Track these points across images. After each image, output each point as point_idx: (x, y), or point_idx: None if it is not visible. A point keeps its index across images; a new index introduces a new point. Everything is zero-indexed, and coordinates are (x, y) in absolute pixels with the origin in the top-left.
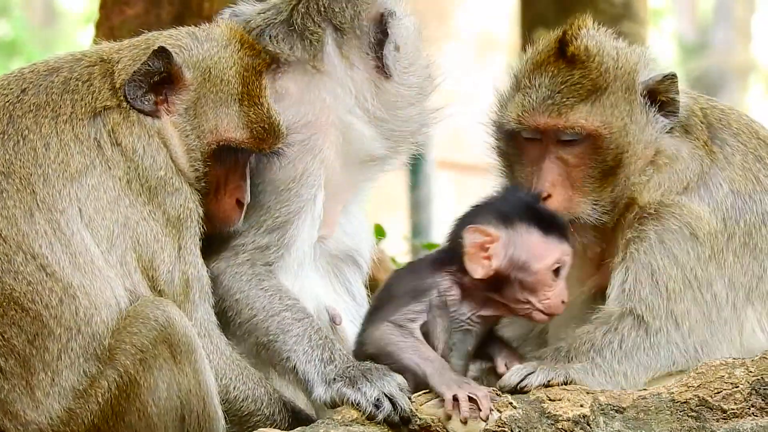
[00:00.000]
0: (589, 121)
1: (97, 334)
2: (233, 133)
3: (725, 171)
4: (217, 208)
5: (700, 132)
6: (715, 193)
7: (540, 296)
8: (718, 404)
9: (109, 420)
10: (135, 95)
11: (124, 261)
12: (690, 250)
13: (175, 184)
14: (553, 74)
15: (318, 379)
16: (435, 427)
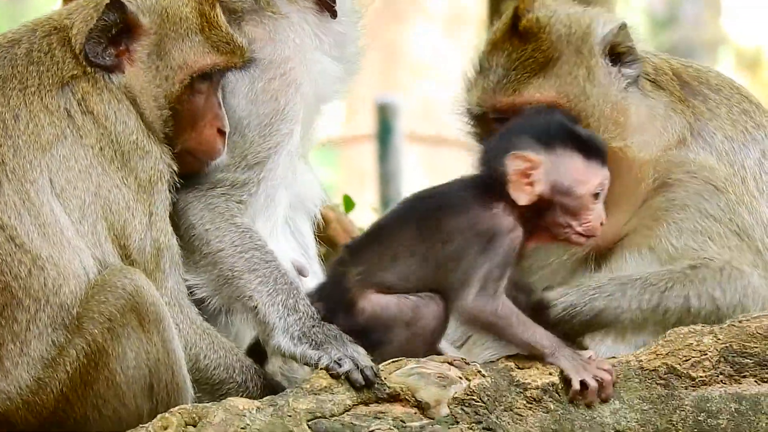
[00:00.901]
0: (544, 94)
1: (65, 304)
2: (203, 59)
3: (713, 122)
4: (200, 141)
5: (673, 89)
6: (712, 141)
7: (581, 219)
8: (686, 372)
9: (78, 389)
10: (96, 53)
11: (95, 230)
12: (719, 203)
13: (146, 147)
14: (508, 52)
15: (279, 324)
16: (404, 395)
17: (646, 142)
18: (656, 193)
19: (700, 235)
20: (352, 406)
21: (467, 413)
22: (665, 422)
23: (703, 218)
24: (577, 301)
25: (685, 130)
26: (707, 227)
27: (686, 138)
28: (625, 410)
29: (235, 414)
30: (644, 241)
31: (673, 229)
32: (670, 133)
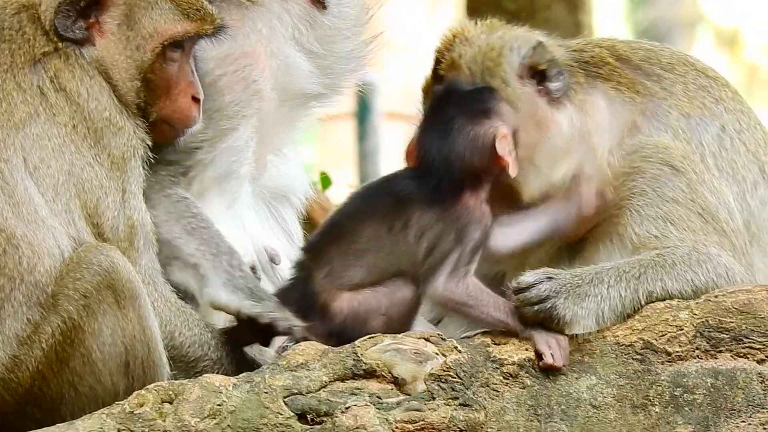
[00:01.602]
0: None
1: (40, 282)
2: (173, 27)
3: (668, 100)
4: (174, 110)
5: (617, 76)
6: (667, 120)
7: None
8: (662, 347)
9: (54, 366)
10: (66, 26)
11: (68, 209)
12: (679, 185)
13: (118, 123)
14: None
15: (222, 278)
16: (380, 371)
17: (593, 148)
18: (620, 184)
19: (661, 221)
20: (328, 382)
21: (444, 389)
22: (641, 397)
23: (663, 203)
24: (556, 287)
25: (634, 115)
26: (668, 212)
27: (637, 122)
28: (602, 385)
29: (212, 391)
30: (612, 229)
31: (635, 216)
32: (619, 124)
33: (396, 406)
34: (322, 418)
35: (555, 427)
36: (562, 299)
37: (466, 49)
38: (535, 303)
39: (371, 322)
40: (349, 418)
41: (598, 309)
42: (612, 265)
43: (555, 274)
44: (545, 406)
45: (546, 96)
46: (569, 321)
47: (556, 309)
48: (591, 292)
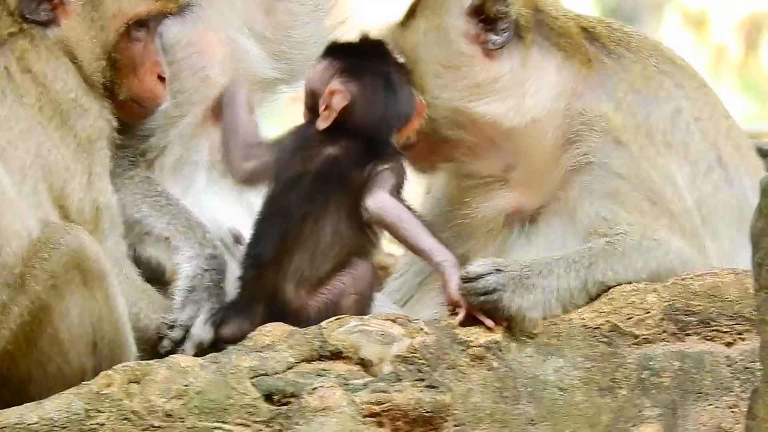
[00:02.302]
0: (400, 43)
1: (7, 264)
2: (137, 7)
3: (620, 75)
4: (142, 89)
5: (574, 49)
6: (613, 91)
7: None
8: (629, 330)
9: (22, 346)
10: (31, 9)
11: (35, 191)
12: (623, 157)
13: (84, 105)
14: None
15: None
16: (347, 353)
17: (522, 105)
18: (563, 151)
19: (610, 201)
20: (294, 363)
21: (410, 371)
22: (608, 380)
23: (610, 177)
24: (503, 280)
25: (579, 83)
26: (615, 188)
27: (580, 89)
28: (569, 368)
29: (178, 371)
30: (563, 206)
31: (584, 192)
32: (561, 88)
33: (363, 387)
34: (289, 399)
35: (522, 410)
36: (508, 292)
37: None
38: (481, 294)
39: (344, 305)
40: (316, 399)
41: (546, 301)
42: (562, 255)
43: (504, 266)
44: (512, 389)
45: (482, 44)
46: (514, 314)
47: (502, 302)
48: (539, 284)
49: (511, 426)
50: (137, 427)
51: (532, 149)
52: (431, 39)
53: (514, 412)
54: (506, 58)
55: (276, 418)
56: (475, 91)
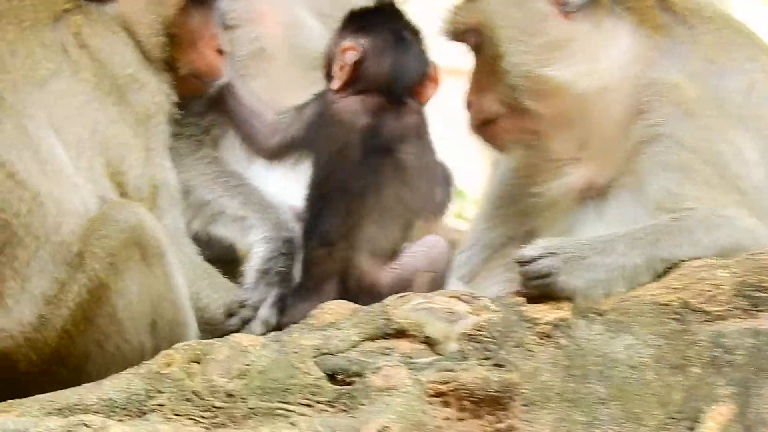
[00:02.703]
0: (467, 17)
1: (66, 241)
2: None
3: (692, 45)
4: (201, 63)
5: (648, 15)
6: (685, 62)
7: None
8: (700, 306)
9: (80, 325)
10: None
11: (92, 167)
12: (693, 130)
13: (142, 80)
14: None
15: (268, 234)
16: (411, 331)
17: (595, 69)
18: (633, 122)
19: (680, 174)
20: (358, 342)
21: (476, 349)
22: (680, 358)
23: (680, 149)
24: (557, 263)
25: (652, 50)
26: (686, 162)
27: (654, 57)
28: (639, 346)
29: (240, 351)
30: (633, 179)
31: (653, 165)
32: (633, 54)
33: (428, 366)
34: (353, 378)
35: (591, 389)
36: (563, 276)
37: None
38: (537, 278)
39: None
40: (380, 378)
41: (608, 279)
42: (625, 231)
43: (557, 248)
44: (581, 367)
45: (561, 5)
46: (572, 296)
47: (558, 285)
48: (600, 263)
49: (581, 405)
50: (198, 407)
51: (603, 120)
52: (508, 2)
53: (583, 390)
54: (582, 19)
55: (340, 398)
56: (550, 53)
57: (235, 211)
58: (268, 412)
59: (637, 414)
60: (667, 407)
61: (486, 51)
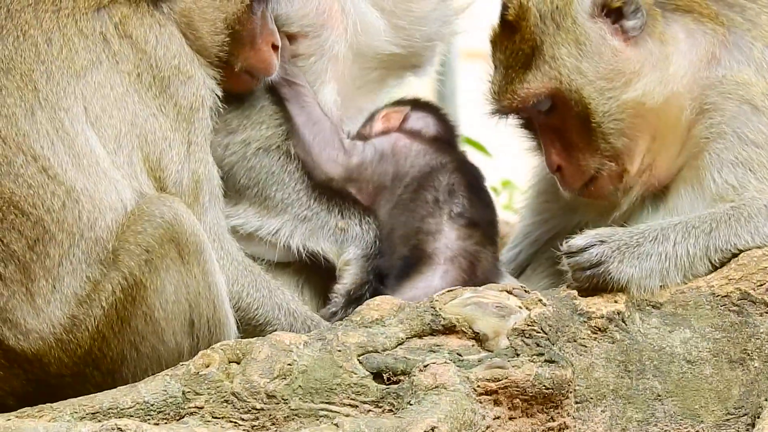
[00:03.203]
0: (537, 87)
1: (101, 238)
2: None
3: (753, 31)
4: (257, 58)
5: (698, 7)
6: (750, 53)
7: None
8: (761, 297)
9: (114, 325)
10: None
11: (130, 161)
12: (760, 125)
13: (188, 72)
14: (502, 48)
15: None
16: (460, 327)
17: (666, 77)
18: (697, 121)
19: (741, 167)
20: (405, 339)
21: (528, 345)
22: (739, 351)
23: (743, 146)
24: (609, 251)
25: (714, 46)
26: (748, 156)
27: (717, 54)
28: (697, 339)
29: (281, 349)
30: (693, 174)
31: (714, 160)
32: (697, 55)
33: (477, 363)
34: (399, 377)
35: (647, 384)
36: (615, 263)
37: None
38: (587, 268)
39: None
40: (428, 377)
41: (663, 268)
42: (680, 220)
43: (608, 237)
44: (636, 362)
45: (622, 34)
46: (626, 284)
47: (610, 274)
48: (654, 251)
49: (636, 402)
50: (238, 409)
51: (672, 124)
52: (575, 59)
53: (639, 387)
54: (644, 38)
55: (386, 397)
56: (626, 81)
57: (336, 223)
58: (310, 414)
59: (695, 410)
60: (726, 403)
61: (566, 112)
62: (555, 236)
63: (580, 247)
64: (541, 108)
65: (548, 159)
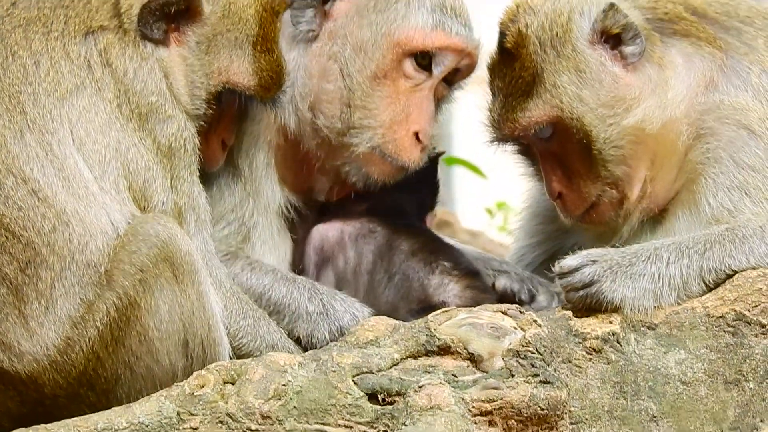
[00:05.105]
0: (538, 115)
1: (93, 262)
2: (242, 78)
3: (750, 55)
4: (204, 147)
5: (695, 31)
6: (747, 77)
7: None
8: (756, 318)
9: (109, 346)
10: (147, 21)
11: (117, 188)
12: (757, 149)
13: (167, 111)
14: (501, 75)
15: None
16: (455, 347)
17: (665, 102)
18: (694, 146)
19: (737, 191)
20: (400, 359)
21: (523, 365)
22: (734, 372)
23: (739, 170)
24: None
25: (712, 71)
26: (744, 180)
27: (715, 79)
28: (692, 360)
29: (276, 370)
30: (690, 198)
31: (710, 184)
32: (695, 79)
33: (472, 384)
34: (394, 398)
35: (642, 405)
36: (608, 282)
37: (531, 18)
38: (580, 288)
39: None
40: (423, 398)
41: (656, 288)
42: (673, 240)
43: (600, 256)
44: (631, 383)
45: (622, 60)
46: (619, 304)
47: (603, 293)
48: (647, 271)
49: (632, 423)
50: (233, 430)
51: (670, 149)
52: (576, 86)
53: (634, 408)
54: (645, 63)
55: (380, 418)
56: (626, 107)
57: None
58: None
59: (690, 431)
60: (722, 424)
61: (567, 139)
62: (550, 258)
63: (572, 267)
64: (542, 135)
65: (549, 186)
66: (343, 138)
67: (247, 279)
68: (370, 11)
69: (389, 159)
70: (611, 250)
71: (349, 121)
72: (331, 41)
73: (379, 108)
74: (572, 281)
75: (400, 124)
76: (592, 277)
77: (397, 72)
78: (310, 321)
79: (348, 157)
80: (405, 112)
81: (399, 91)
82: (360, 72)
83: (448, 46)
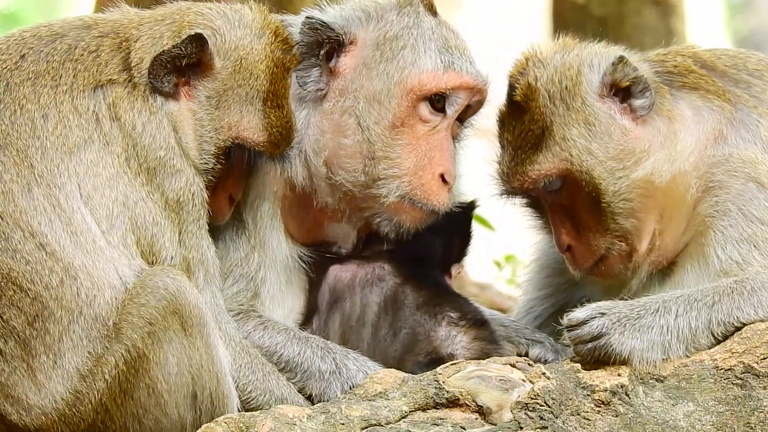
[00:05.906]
0: (548, 168)
1: (101, 315)
2: (251, 134)
3: (759, 108)
4: (211, 201)
5: (705, 84)
6: (756, 130)
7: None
8: (764, 371)
9: (118, 398)
10: (157, 74)
11: (125, 242)
12: (766, 203)
13: (176, 166)
14: (511, 128)
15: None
16: (464, 400)
17: (674, 155)
18: (702, 199)
19: (746, 243)
20: (408, 412)
21: (532, 418)
22: (743, 425)
23: (748, 223)
24: (609, 323)
25: (721, 124)
26: (752, 233)
27: (724, 132)
28: (700, 412)
29: (285, 423)
30: (698, 251)
31: (719, 238)
32: (704, 132)
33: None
34: None
35: None
36: (617, 335)
37: (541, 71)
38: (588, 341)
39: None
40: None
41: (664, 341)
42: (682, 292)
43: (608, 309)
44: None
45: (631, 113)
46: (628, 356)
47: (612, 346)
48: (655, 323)
49: None
50: None
51: (678, 201)
52: (585, 140)
53: None
54: (654, 116)
55: None
56: (641, 159)
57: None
58: None
59: None
60: None
61: (576, 192)
62: (558, 311)
63: (580, 320)
64: (551, 188)
65: (558, 239)
66: (370, 190)
67: (259, 337)
68: (379, 62)
69: (419, 205)
70: (620, 303)
71: (373, 173)
72: (342, 97)
73: (402, 156)
74: (581, 334)
75: (424, 168)
76: (601, 330)
77: (414, 118)
78: (322, 380)
79: (377, 208)
80: (428, 156)
81: (418, 137)
82: (378, 123)
83: (460, 85)
